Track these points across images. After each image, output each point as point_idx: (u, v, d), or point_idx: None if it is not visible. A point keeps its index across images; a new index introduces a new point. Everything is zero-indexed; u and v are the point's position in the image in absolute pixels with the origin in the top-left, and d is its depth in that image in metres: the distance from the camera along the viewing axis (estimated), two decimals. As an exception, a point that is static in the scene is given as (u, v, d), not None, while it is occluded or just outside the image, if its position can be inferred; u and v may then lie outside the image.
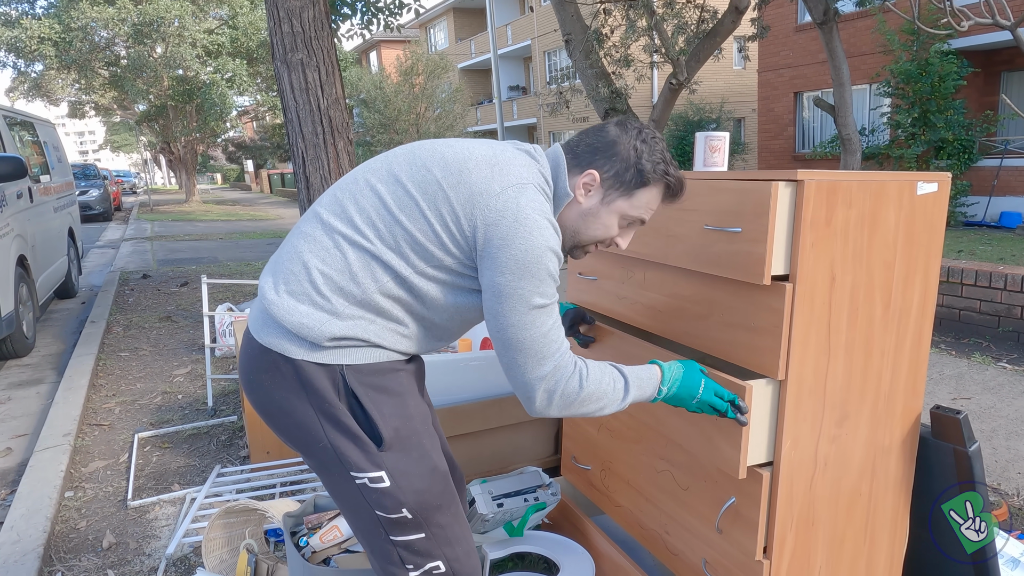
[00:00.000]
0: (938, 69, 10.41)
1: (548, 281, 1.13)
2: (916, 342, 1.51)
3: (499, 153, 1.20)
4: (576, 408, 1.19)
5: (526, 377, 1.15)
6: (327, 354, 1.15)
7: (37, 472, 2.76)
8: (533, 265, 1.10)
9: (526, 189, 1.14)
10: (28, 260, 4.91)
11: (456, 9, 27.61)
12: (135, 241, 11.90)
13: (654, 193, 1.25)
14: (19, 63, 17.95)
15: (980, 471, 1.50)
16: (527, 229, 1.10)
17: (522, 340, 1.13)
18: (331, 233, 1.16)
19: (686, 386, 1.31)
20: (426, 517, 1.21)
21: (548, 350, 1.14)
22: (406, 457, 1.19)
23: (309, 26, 4.22)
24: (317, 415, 1.17)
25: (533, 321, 1.12)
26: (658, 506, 1.74)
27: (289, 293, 1.16)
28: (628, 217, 1.26)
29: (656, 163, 1.23)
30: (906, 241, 1.43)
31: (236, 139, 34.46)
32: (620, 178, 1.23)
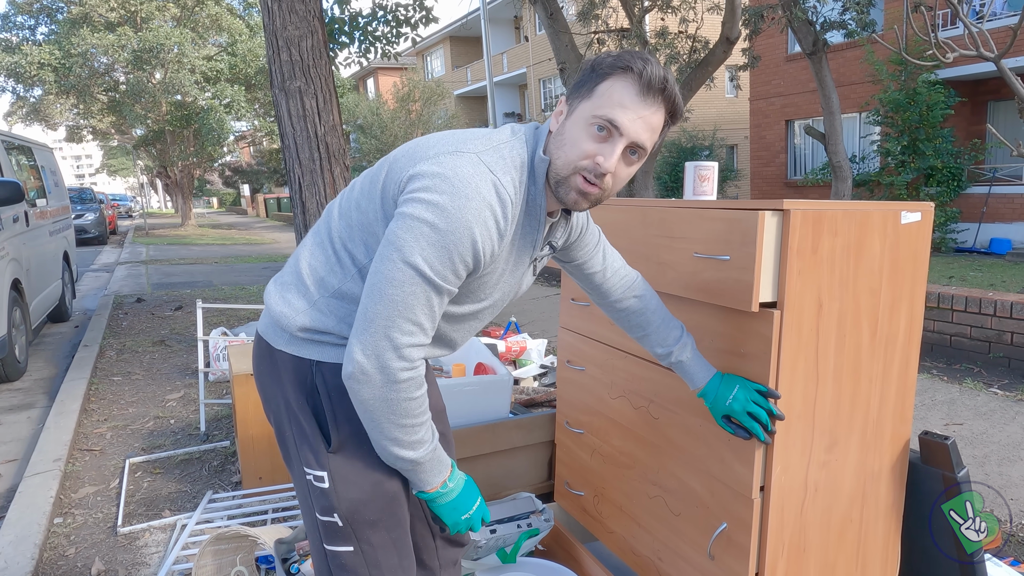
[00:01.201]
0: (926, 98, 10.60)
1: (445, 259, 1.01)
2: (903, 368, 1.53)
3: (458, 131, 1.13)
4: (385, 402, 1.05)
5: (364, 333, 1.03)
6: (303, 347, 1.16)
7: (26, 498, 2.73)
8: (431, 228, 0.99)
9: (463, 156, 1.04)
10: (22, 284, 4.91)
11: (453, 37, 28.02)
12: (130, 265, 11.89)
13: (616, 83, 1.05)
14: (18, 88, 18.10)
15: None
16: (440, 191, 1.00)
17: (383, 296, 1.01)
18: (320, 230, 1.21)
19: (467, 494, 1.21)
20: (356, 529, 1.18)
21: (402, 327, 1.02)
22: (350, 464, 1.16)
23: (307, 55, 4.29)
24: (286, 406, 1.20)
25: (405, 286, 1.01)
26: (651, 532, 1.74)
27: (282, 284, 1.21)
28: (595, 119, 1.05)
29: (617, 55, 1.07)
30: (891, 269, 1.46)
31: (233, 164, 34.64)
32: (580, 86, 1.09)
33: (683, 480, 1.60)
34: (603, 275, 1.42)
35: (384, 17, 6.97)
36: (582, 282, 1.45)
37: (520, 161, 1.10)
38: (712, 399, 1.40)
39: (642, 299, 1.44)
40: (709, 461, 1.51)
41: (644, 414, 1.74)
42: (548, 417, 2.31)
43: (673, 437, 1.63)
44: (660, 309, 1.44)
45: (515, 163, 1.09)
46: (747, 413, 1.35)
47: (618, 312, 1.45)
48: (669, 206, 1.57)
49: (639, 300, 1.43)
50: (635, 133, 1.05)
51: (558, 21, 7.68)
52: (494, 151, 1.07)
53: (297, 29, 4.25)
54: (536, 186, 1.12)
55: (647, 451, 1.73)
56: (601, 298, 1.46)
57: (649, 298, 1.44)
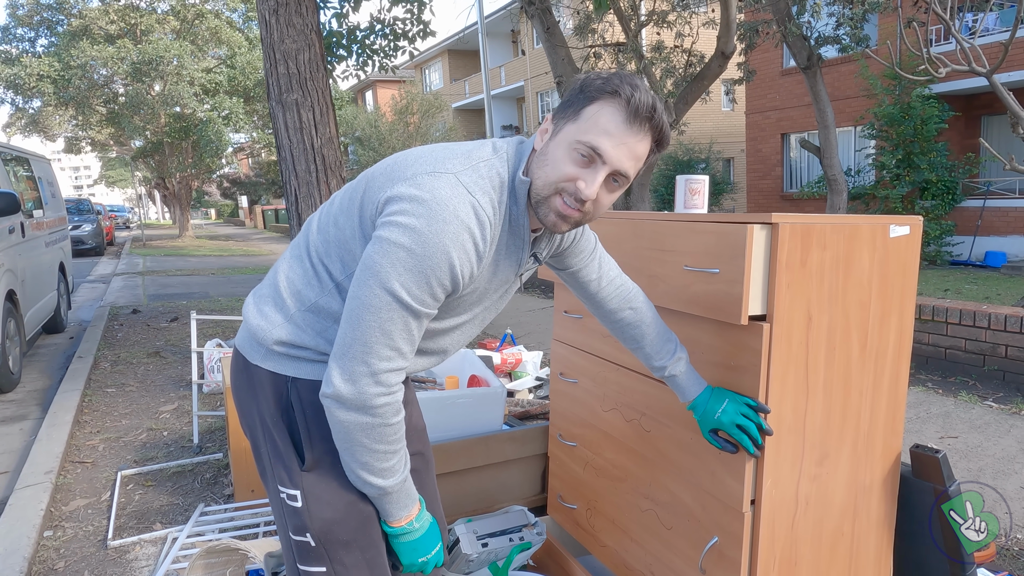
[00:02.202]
0: (920, 113, 10.68)
1: (422, 283, 1.00)
2: (894, 381, 1.53)
3: (439, 147, 1.10)
4: (360, 427, 1.04)
5: (343, 358, 1.03)
6: (279, 363, 1.15)
7: (16, 511, 2.71)
8: (407, 253, 0.98)
9: (442, 176, 1.02)
10: (17, 295, 4.90)
11: (451, 51, 28.21)
12: (126, 276, 11.88)
13: (604, 108, 1.03)
14: (17, 99, 18.16)
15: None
16: (417, 215, 0.98)
17: (361, 321, 1.01)
18: (299, 243, 1.20)
19: (431, 534, 1.20)
20: (329, 549, 1.16)
21: (378, 352, 1.01)
22: (324, 483, 1.15)
23: (305, 68, 4.32)
24: (260, 422, 1.19)
25: (382, 311, 1.00)
26: (643, 546, 1.73)
27: (260, 297, 1.21)
28: (579, 144, 1.03)
29: (606, 79, 1.04)
30: (880, 282, 1.47)
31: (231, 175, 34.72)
32: (567, 106, 1.07)
33: (675, 493, 1.60)
34: (598, 284, 1.41)
35: (382, 31, 7.02)
36: (577, 291, 1.44)
37: (500, 180, 1.08)
38: (701, 412, 1.40)
39: (638, 311, 1.42)
40: (700, 474, 1.51)
41: (636, 427, 1.73)
42: (541, 430, 2.31)
43: (665, 450, 1.63)
44: (656, 322, 1.43)
45: (495, 183, 1.07)
46: (736, 426, 1.35)
47: (613, 323, 1.44)
48: (660, 219, 1.58)
49: (635, 312, 1.42)
50: (618, 161, 1.03)
51: (555, 35, 7.74)
52: (473, 171, 1.05)
53: (295, 42, 4.28)
54: (518, 206, 1.10)
55: (639, 464, 1.73)
56: (596, 308, 1.44)
57: (646, 310, 1.43)
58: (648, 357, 1.44)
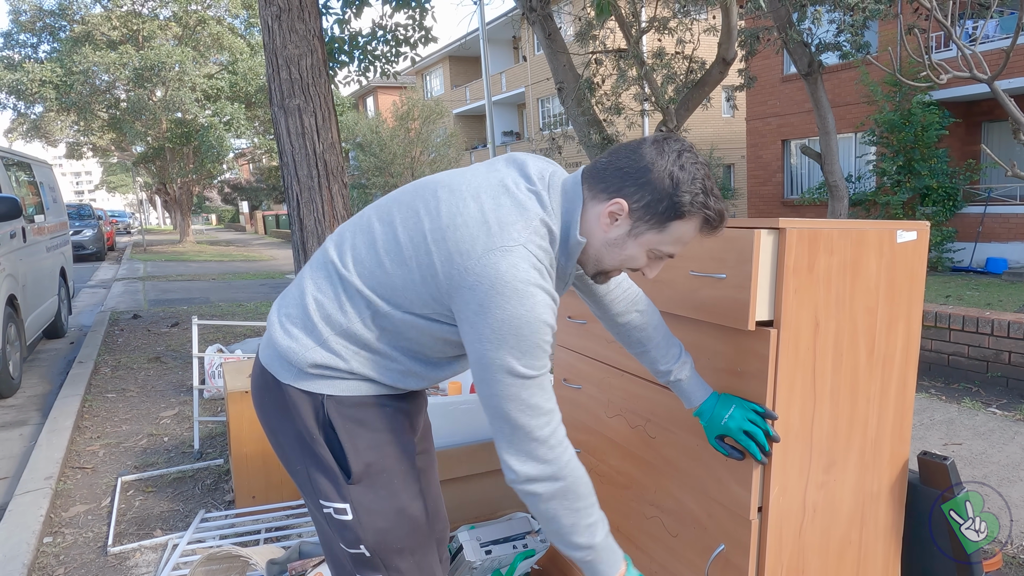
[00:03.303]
0: (920, 119, 10.70)
1: (535, 352, 1.06)
2: (901, 387, 1.52)
3: (498, 207, 1.10)
4: (549, 498, 1.10)
5: (511, 445, 1.09)
6: (311, 382, 1.16)
7: (16, 517, 2.70)
8: (513, 335, 1.04)
9: (511, 252, 1.05)
10: (18, 299, 4.89)
11: (452, 57, 28.29)
12: (127, 281, 11.87)
13: (689, 226, 1.12)
14: (19, 105, 18.21)
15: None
16: (505, 297, 1.03)
17: (507, 411, 1.07)
18: (328, 264, 1.19)
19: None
20: (384, 558, 1.19)
21: (535, 424, 1.07)
22: (373, 494, 1.17)
23: (307, 73, 4.32)
24: (297, 439, 1.19)
25: (518, 393, 1.06)
26: (648, 553, 1.72)
27: (286, 316, 1.20)
28: (657, 251, 1.14)
29: (695, 195, 1.09)
30: (888, 287, 1.46)
31: (232, 181, 34.78)
32: (651, 209, 1.10)
33: (680, 500, 1.59)
34: (606, 287, 1.41)
35: (383, 37, 7.04)
36: (585, 294, 1.44)
37: (552, 235, 1.13)
38: (708, 418, 1.39)
39: (644, 314, 1.43)
40: (707, 481, 1.49)
41: (641, 433, 1.72)
42: (544, 436, 2.30)
43: (670, 457, 1.61)
44: (661, 326, 1.44)
45: (549, 238, 1.12)
46: (743, 432, 1.33)
47: (619, 327, 1.44)
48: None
49: (641, 315, 1.42)
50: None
51: (556, 42, 7.75)
52: (534, 234, 1.09)
53: (297, 48, 4.28)
54: (569, 261, 1.17)
55: (644, 471, 1.72)
56: (603, 311, 1.44)
57: (651, 314, 1.43)
58: (654, 361, 1.43)
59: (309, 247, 4.41)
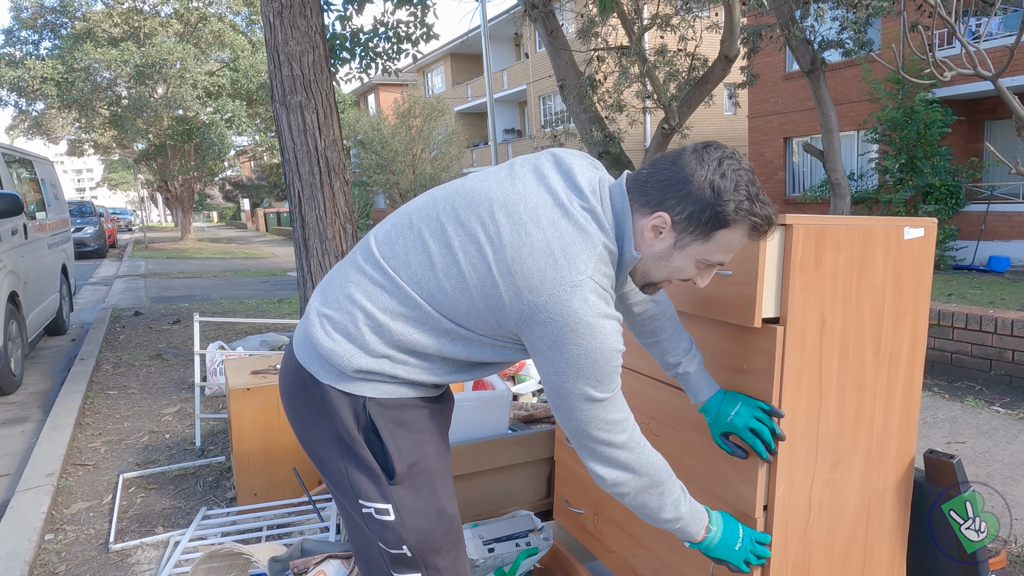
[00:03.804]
0: (923, 117, 10.67)
1: (610, 377, 1.10)
2: (908, 385, 1.51)
3: (560, 234, 1.08)
4: (638, 493, 1.18)
5: (595, 456, 1.16)
6: (353, 384, 1.16)
7: (17, 514, 2.69)
8: (588, 368, 1.07)
9: (580, 288, 1.05)
10: (19, 296, 4.89)
11: (453, 55, 28.25)
12: (128, 278, 11.87)
13: (736, 234, 1.10)
14: (21, 102, 18.20)
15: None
16: (579, 334, 1.05)
17: (587, 431, 1.13)
18: (380, 273, 1.16)
19: (729, 534, 1.30)
20: (425, 558, 1.20)
21: (615, 436, 1.14)
22: (415, 494, 1.19)
23: (308, 70, 4.31)
24: (336, 440, 1.19)
25: (597, 415, 1.12)
26: (652, 552, 1.71)
27: (329, 320, 1.18)
28: (706, 261, 1.13)
29: (740, 202, 1.07)
30: (895, 285, 1.45)
31: (233, 178, 34.77)
32: (695, 220, 1.09)
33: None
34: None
35: (385, 33, 7.02)
36: None
37: (612, 258, 1.14)
38: (714, 414, 1.38)
39: (660, 304, 1.42)
40: (711, 480, 1.49)
41: (645, 431, 1.71)
42: (547, 433, 2.29)
43: (675, 455, 1.60)
44: (675, 318, 1.44)
45: (611, 263, 1.14)
46: (749, 430, 1.33)
47: (634, 316, 1.43)
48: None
49: (657, 305, 1.42)
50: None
51: (558, 39, 7.73)
52: (600, 262, 1.10)
53: (299, 44, 4.27)
54: (622, 275, 1.19)
55: (648, 468, 1.71)
56: (621, 299, 1.43)
57: (666, 305, 1.43)
58: (664, 352, 1.43)
59: (311, 244, 4.41)
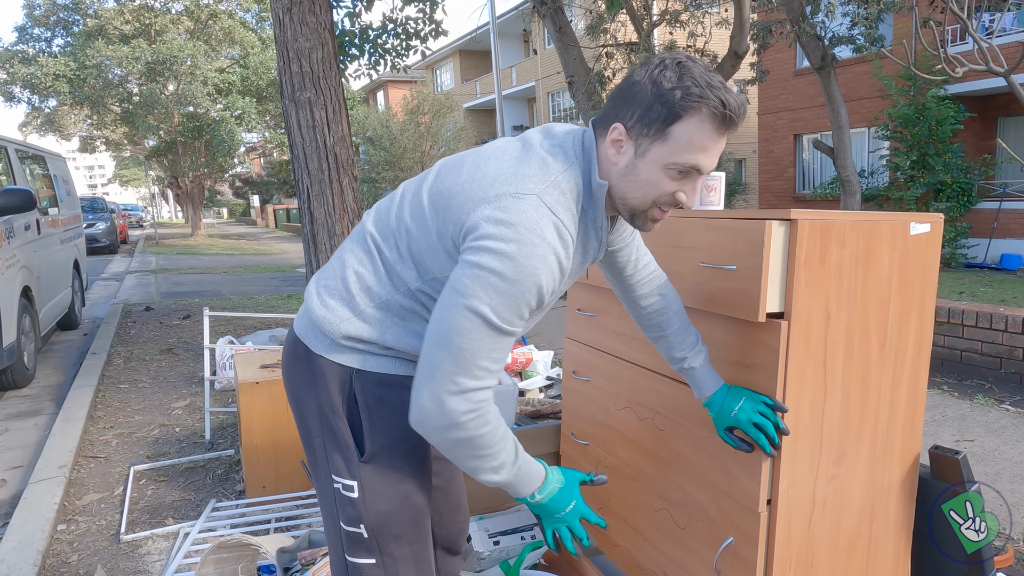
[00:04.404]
0: (935, 113, 10.58)
1: (512, 307, 1.00)
2: (913, 381, 1.51)
3: (519, 162, 1.07)
4: (456, 442, 1.04)
5: (431, 380, 1.02)
6: (343, 355, 1.17)
7: (30, 504, 2.73)
8: (497, 278, 0.98)
9: (524, 200, 1.01)
10: (32, 291, 4.94)
11: (462, 51, 28.25)
12: (139, 274, 11.97)
13: (695, 126, 1.00)
14: (33, 99, 18.37)
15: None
16: (504, 240, 0.99)
17: (449, 343, 1.01)
18: (368, 238, 1.19)
19: (557, 500, 1.15)
20: (381, 542, 1.18)
21: (466, 373, 1.01)
22: (382, 476, 1.17)
23: (318, 66, 4.33)
24: (318, 411, 1.19)
25: (471, 332, 1.00)
26: (656, 546, 1.72)
27: (324, 288, 1.20)
28: (673, 165, 1.03)
29: (687, 88, 0.99)
30: (900, 280, 1.45)
31: (243, 175, 34.95)
32: (646, 120, 1.03)
33: (689, 493, 1.58)
34: (635, 266, 1.39)
35: (394, 30, 7.04)
36: (611, 273, 1.42)
37: (577, 191, 1.08)
38: (718, 409, 1.38)
39: (667, 298, 1.41)
40: (715, 474, 1.49)
41: (650, 425, 1.72)
42: (553, 428, 2.30)
43: (679, 449, 1.61)
44: (681, 312, 1.42)
45: (573, 195, 1.07)
46: (753, 424, 1.33)
47: (640, 309, 1.43)
48: (675, 215, 1.57)
49: (663, 299, 1.41)
50: (713, 165, 1.05)
51: (567, 35, 7.72)
52: (553, 187, 1.05)
53: (308, 41, 4.29)
54: (596, 209, 1.11)
55: (653, 463, 1.72)
56: (627, 292, 1.43)
57: (672, 299, 1.42)
58: (670, 347, 1.42)
59: (319, 240, 4.43)
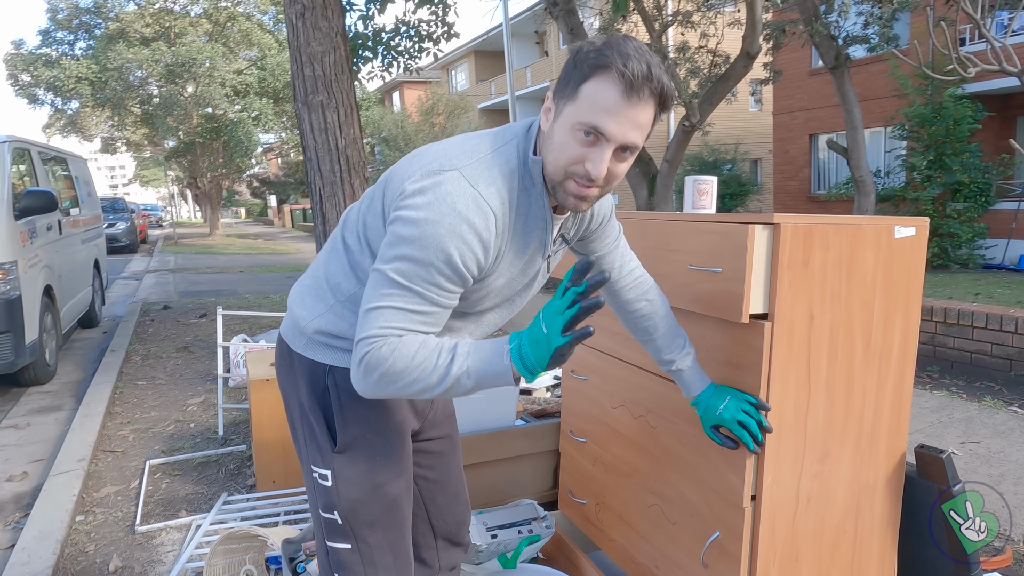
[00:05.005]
0: (952, 113, 10.46)
1: (422, 271, 1.02)
2: (899, 381, 1.54)
3: (453, 141, 1.12)
4: (384, 380, 1.04)
5: (357, 334, 1.07)
6: (318, 352, 1.23)
7: (50, 496, 2.83)
8: (406, 244, 1.02)
9: (444, 173, 1.05)
10: (54, 290, 5.07)
11: (477, 52, 28.33)
12: (158, 273, 12.17)
13: (600, 85, 1.00)
14: (57, 101, 18.73)
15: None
16: (417, 208, 1.02)
17: (368, 304, 1.06)
18: (339, 236, 1.26)
19: (536, 344, 1.00)
20: (355, 528, 1.24)
21: (377, 322, 1.04)
22: (354, 466, 1.23)
23: (330, 70, 4.41)
24: (299, 406, 1.27)
25: (385, 296, 1.04)
26: (649, 540, 1.76)
27: (304, 287, 1.28)
28: (579, 124, 1.02)
29: (600, 51, 1.00)
30: (885, 283, 1.48)
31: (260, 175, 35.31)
32: (563, 83, 1.05)
33: (679, 489, 1.63)
34: (619, 272, 1.42)
35: (407, 32, 7.12)
36: None
37: (509, 169, 1.09)
38: (704, 408, 1.42)
39: (653, 303, 1.44)
40: (704, 470, 1.53)
41: (643, 423, 1.76)
42: (553, 426, 2.35)
43: (670, 446, 1.65)
44: (669, 316, 1.45)
45: (503, 171, 1.08)
46: (737, 422, 1.37)
47: (628, 313, 1.45)
48: (666, 219, 1.61)
49: (650, 304, 1.43)
50: (622, 136, 1.02)
51: (579, 36, 7.74)
52: (479, 163, 1.07)
53: (320, 45, 4.37)
54: (536, 188, 1.11)
55: (645, 460, 1.76)
56: (613, 297, 1.45)
57: (660, 304, 1.44)
58: (658, 350, 1.46)
59: (331, 240, 4.51)
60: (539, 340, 0.98)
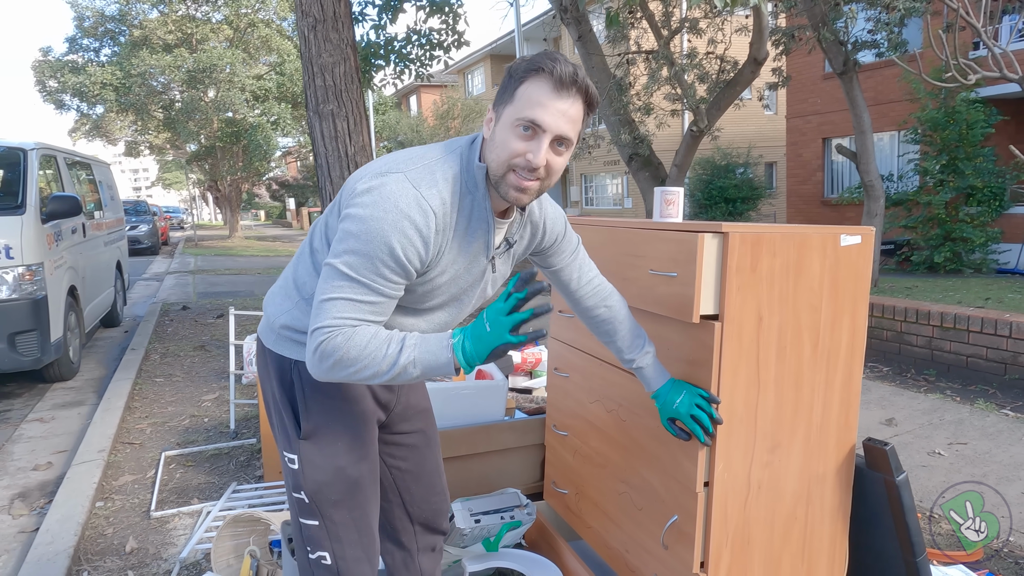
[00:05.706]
0: (965, 117, 10.43)
1: (368, 264, 1.14)
2: (847, 379, 1.66)
3: (404, 151, 1.26)
4: (336, 367, 1.15)
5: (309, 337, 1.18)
6: (286, 347, 1.36)
7: (72, 484, 3.02)
8: (353, 239, 1.14)
9: (387, 176, 1.17)
10: (78, 290, 5.30)
11: (493, 56, 28.54)
12: (178, 274, 12.48)
13: (532, 84, 1.16)
14: (82, 106, 19.24)
15: (909, 499, 1.63)
16: (362, 206, 1.15)
17: (321, 296, 1.17)
18: (305, 242, 1.41)
19: (479, 339, 1.13)
20: (321, 507, 1.37)
21: (329, 313, 1.15)
22: (318, 451, 1.36)
23: (340, 80, 4.59)
24: (273, 397, 1.41)
25: (335, 288, 1.15)
26: (620, 526, 1.89)
27: (277, 288, 1.43)
28: (518, 121, 1.16)
29: (530, 61, 1.17)
30: (832, 287, 1.60)
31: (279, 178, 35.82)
32: (502, 93, 1.21)
33: (645, 477, 1.75)
34: (578, 283, 1.54)
35: (418, 41, 7.30)
36: (559, 288, 1.58)
37: (452, 174, 1.22)
38: (662, 402, 1.55)
39: (612, 309, 1.56)
40: (665, 459, 1.66)
41: (615, 417, 1.89)
42: (540, 421, 2.48)
43: (637, 437, 1.78)
44: (628, 319, 1.58)
45: (446, 176, 1.21)
46: (690, 416, 1.50)
47: (589, 319, 1.59)
48: (632, 227, 1.74)
49: (609, 310, 1.56)
50: (557, 127, 1.16)
51: (588, 43, 7.88)
52: (423, 168, 1.20)
53: (331, 56, 4.55)
54: (479, 191, 1.24)
55: (617, 451, 1.89)
56: (575, 304, 1.58)
57: (619, 308, 1.57)
58: (620, 350, 1.59)
59: (340, 244, 4.68)
60: (481, 336, 1.12)
